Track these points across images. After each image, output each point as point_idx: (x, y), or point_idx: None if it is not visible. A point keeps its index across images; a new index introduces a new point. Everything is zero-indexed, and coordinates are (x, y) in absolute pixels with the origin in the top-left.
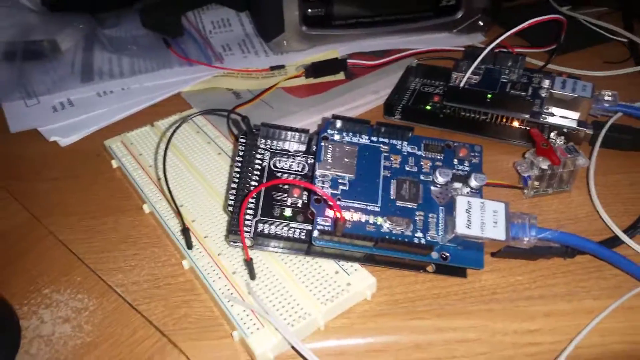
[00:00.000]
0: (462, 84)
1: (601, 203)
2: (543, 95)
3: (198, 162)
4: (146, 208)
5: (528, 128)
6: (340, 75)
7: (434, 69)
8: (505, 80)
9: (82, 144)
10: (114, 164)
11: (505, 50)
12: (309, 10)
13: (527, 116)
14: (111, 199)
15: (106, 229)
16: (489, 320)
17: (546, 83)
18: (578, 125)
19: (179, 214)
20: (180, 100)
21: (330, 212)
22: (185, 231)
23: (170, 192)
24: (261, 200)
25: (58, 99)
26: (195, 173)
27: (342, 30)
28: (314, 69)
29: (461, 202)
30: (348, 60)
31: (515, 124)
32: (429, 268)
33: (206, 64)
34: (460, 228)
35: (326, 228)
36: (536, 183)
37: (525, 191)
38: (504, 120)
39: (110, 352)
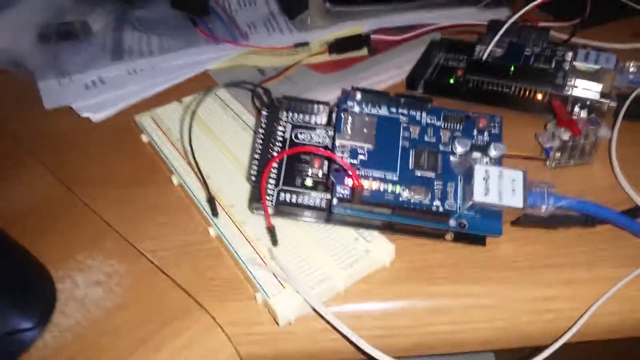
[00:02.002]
0: (484, 57)
1: (623, 175)
2: (566, 67)
3: (224, 136)
4: (174, 179)
5: (550, 100)
6: (364, 51)
7: (457, 43)
8: (529, 54)
9: (113, 120)
10: (144, 138)
11: (529, 24)
12: None
13: (549, 88)
14: (141, 171)
15: (136, 199)
16: (507, 287)
17: (569, 56)
18: (601, 97)
19: (205, 184)
20: (207, 78)
21: (349, 181)
22: (211, 200)
23: (197, 164)
24: (283, 170)
25: (90, 77)
26: (221, 146)
27: (365, 6)
28: (337, 46)
29: (479, 171)
30: (372, 36)
31: (538, 96)
32: (448, 236)
33: (232, 42)
34: (478, 195)
35: (345, 196)
36: (557, 154)
37: (547, 163)
38: (527, 93)
39: (139, 312)
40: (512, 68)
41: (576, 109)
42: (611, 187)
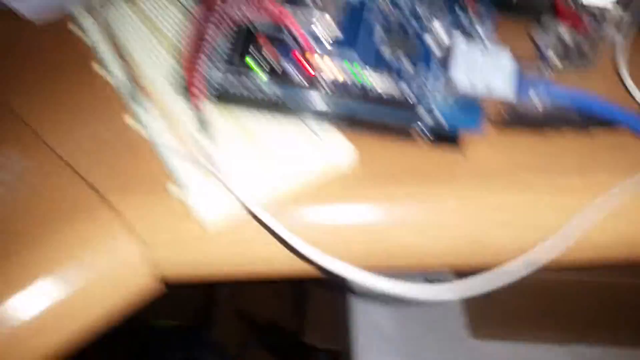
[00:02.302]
0: None
1: (634, 82)
2: None
3: (158, 19)
4: (95, 66)
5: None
6: None
7: None
8: None
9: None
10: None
11: None
12: None
13: None
14: (60, 56)
15: (53, 88)
16: (480, 192)
17: None
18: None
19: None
20: None
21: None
22: (131, 84)
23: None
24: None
25: None
26: (151, 27)
27: None
28: None
29: (460, 49)
30: None
31: None
32: (414, 132)
33: None
34: (457, 79)
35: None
36: (555, 56)
37: (543, 64)
38: None
39: (36, 211)
40: None
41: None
42: (617, 95)
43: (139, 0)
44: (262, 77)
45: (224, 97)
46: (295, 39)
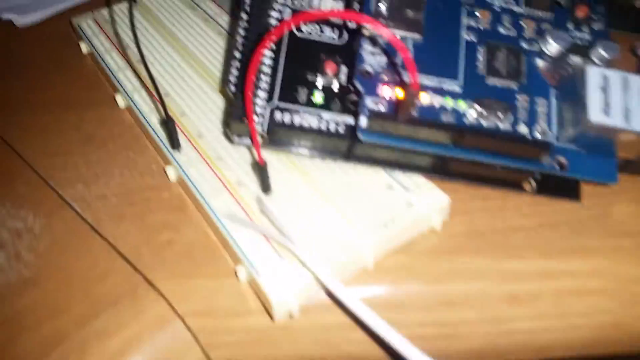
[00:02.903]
0: None
1: None
2: None
3: (191, 43)
4: (120, 100)
5: None
6: None
7: None
8: None
9: (46, 24)
10: (84, 47)
11: None
12: None
13: None
14: (76, 91)
15: (66, 127)
16: (617, 261)
17: None
18: None
19: (162, 102)
20: None
21: (385, 91)
22: (169, 123)
23: (150, 75)
24: (279, 77)
25: None
26: (187, 56)
27: None
28: None
29: (594, 76)
30: None
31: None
32: (527, 186)
33: None
34: (595, 114)
35: (380, 109)
36: None
37: None
38: None
39: (58, 293)
40: None
41: None
42: None
43: (161, 16)
44: (331, 115)
45: (286, 140)
46: (394, 67)
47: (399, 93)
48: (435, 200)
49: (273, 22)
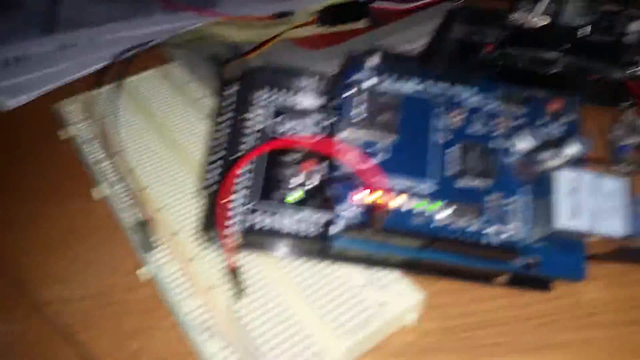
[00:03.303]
0: (526, 25)
1: None
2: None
3: (176, 129)
4: (98, 192)
5: (621, 80)
6: (363, 23)
7: (483, 13)
8: (583, 23)
9: (32, 107)
10: (64, 133)
11: None
12: None
13: (615, 69)
14: (56, 179)
15: (46, 221)
16: (588, 355)
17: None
18: None
19: (138, 201)
20: (160, 53)
21: (359, 196)
22: (143, 225)
23: (125, 168)
24: (257, 179)
25: (12, 53)
26: (171, 144)
27: None
28: (330, 15)
29: (563, 179)
30: (372, 4)
31: (596, 78)
32: (500, 279)
33: (195, 10)
34: (563, 219)
35: (354, 222)
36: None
37: (621, 166)
38: (583, 72)
39: None
40: (562, 40)
41: None
42: None
43: (146, 100)
44: (306, 215)
45: (260, 243)
46: (351, 177)
47: (370, 203)
48: (409, 299)
49: (251, 123)
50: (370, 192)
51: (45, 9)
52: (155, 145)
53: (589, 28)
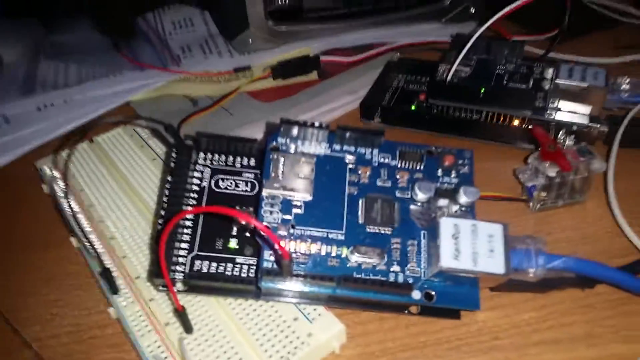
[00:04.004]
0: (449, 78)
1: (624, 216)
2: (547, 87)
3: (140, 184)
4: (74, 241)
5: (530, 127)
6: (313, 75)
7: (419, 64)
8: (502, 72)
9: (13, 166)
10: (45, 188)
11: (500, 38)
12: (275, 2)
13: (528, 113)
14: (35, 231)
15: (28, 268)
16: None
17: (550, 72)
18: (590, 122)
19: (95, 252)
20: (130, 111)
21: (271, 249)
22: (106, 272)
23: (96, 218)
24: (199, 229)
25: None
26: (135, 198)
27: (314, 24)
28: (282, 69)
29: (446, 226)
30: (322, 58)
31: (516, 122)
32: (413, 309)
33: (160, 68)
34: (446, 260)
35: (273, 266)
36: (543, 194)
37: (531, 204)
38: (502, 119)
39: None
40: (482, 90)
41: (560, 135)
42: (609, 232)
43: (113, 156)
44: (245, 260)
45: (205, 286)
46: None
47: (279, 255)
48: (332, 329)
49: (194, 182)
50: (277, 250)
51: (25, 73)
52: (121, 200)
53: (506, 77)
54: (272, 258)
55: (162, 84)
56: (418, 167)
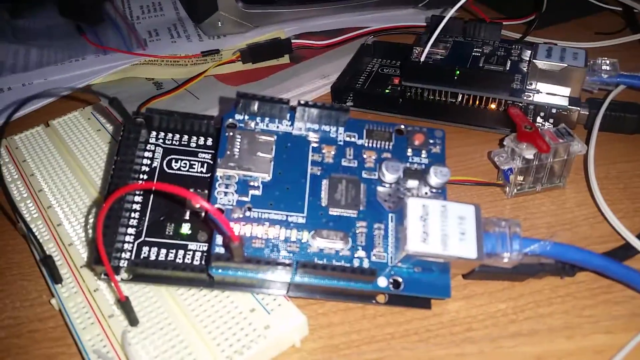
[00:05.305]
0: (422, 59)
1: (605, 200)
2: (524, 68)
3: (91, 169)
4: (20, 229)
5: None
6: (285, 59)
7: (394, 47)
8: (478, 54)
9: None
10: None
11: (477, 20)
12: None
13: (505, 95)
14: None
15: None
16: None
17: (527, 54)
18: (569, 104)
19: (34, 240)
20: (87, 94)
21: (234, 228)
22: (47, 260)
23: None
24: (148, 213)
25: None
26: (87, 183)
27: (287, 7)
28: (252, 52)
29: (413, 206)
30: (293, 41)
31: (492, 106)
32: (380, 298)
33: (124, 51)
34: (413, 243)
35: (224, 252)
36: (520, 178)
37: (507, 189)
38: (478, 102)
39: None
40: (457, 72)
41: (539, 119)
42: (590, 218)
43: (68, 140)
44: (197, 246)
45: (152, 274)
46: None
47: (228, 238)
48: (292, 320)
49: (144, 162)
50: (227, 227)
51: None
52: (72, 185)
53: (483, 59)
54: (217, 247)
55: (125, 67)
56: (386, 147)
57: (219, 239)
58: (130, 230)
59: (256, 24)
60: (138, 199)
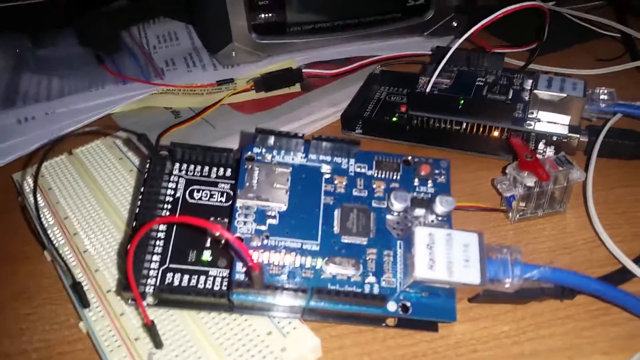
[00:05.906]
0: (428, 89)
1: (603, 225)
2: (526, 98)
3: (114, 197)
4: (47, 255)
5: (508, 135)
6: (296, 88)
7: (400, 76)
8: (481, 83)
9: None
10: (21, 201)
11: (480, 50)
12: (259, 16)
13: (507, 123)
14: (11, 244)
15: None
16: None
17: (529, 83)
18: (569, 132)
19: (65, 265)
20: (110, 123)
21: (253, 256)
22: (77, 285)
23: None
24: (172, 241)
25: None
26: (111, 211)
27: (298, 38)
28: (265, 81)
29: (420, 235)
30: (303, 70)
31: (495, 133)
32: (389, 321)
33: (142, 81)
34: (420, 270)
35: (245, 278)
36: (522, 204)
37: (509, 215)
38: (481, 130)
39: None
40: (462, 101)
41: (540, 146)
42: (589, 243)
43: (92, 169)
44: (218, 272)
45: (176, 299)
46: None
47: (249, 266)
48: (307, 343)
49: (168, 192)
50: (246, 261)
51: (7, 85)
52: (97, 212)
53: (486, 88)
54: (238, 273)
55: (144, 97)
56: (394, 177)
57: (239, 266)
58: (155, 258)
59: (269, 54)
60: (162, 227)
